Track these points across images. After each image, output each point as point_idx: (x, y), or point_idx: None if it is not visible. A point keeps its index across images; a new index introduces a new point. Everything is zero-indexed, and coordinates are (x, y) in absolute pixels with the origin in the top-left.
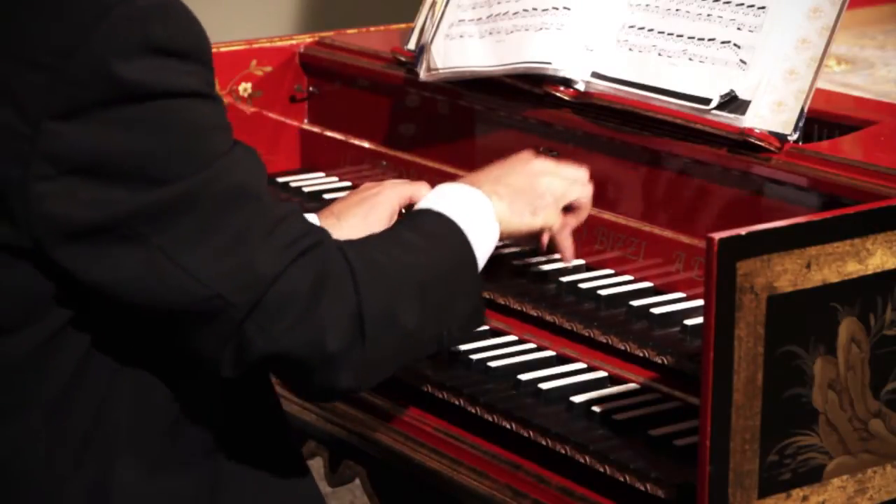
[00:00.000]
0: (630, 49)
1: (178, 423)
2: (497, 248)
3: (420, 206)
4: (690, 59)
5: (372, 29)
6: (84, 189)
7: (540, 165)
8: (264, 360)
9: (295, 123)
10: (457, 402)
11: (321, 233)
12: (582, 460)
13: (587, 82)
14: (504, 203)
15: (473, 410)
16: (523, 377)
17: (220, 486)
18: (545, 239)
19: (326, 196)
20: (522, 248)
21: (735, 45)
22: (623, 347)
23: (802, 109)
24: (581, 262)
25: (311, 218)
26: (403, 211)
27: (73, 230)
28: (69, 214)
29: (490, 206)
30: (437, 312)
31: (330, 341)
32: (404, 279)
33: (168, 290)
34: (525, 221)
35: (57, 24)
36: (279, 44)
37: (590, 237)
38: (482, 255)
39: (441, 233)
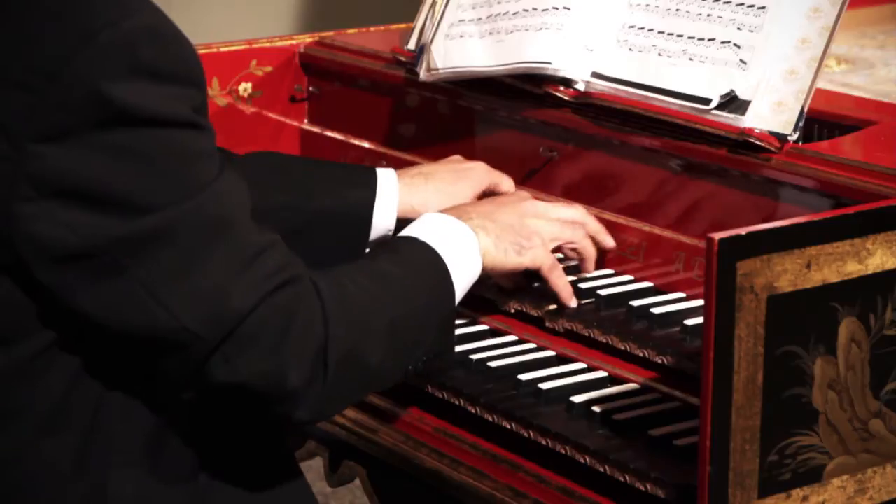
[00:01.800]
0: (630, 49)
1: (168, 435)
2: None
3: (405, 232)
4: (690, 59)
5: (372, 29)
6: (66, 214)
7: (532, 207)
8: (223, 389)
9: (295, 123)
10: (457, 402)
11: (298, 266)
12: (582, 460)
13: (587, 82)
14: (490, 239)
15: (473, 410)
16: (523, 377)
17: (212, 495)
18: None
19: None
20: None
21: (735, 45)
22: (623, 347)
23: (802, 109)
24: None
25: (389, 174)
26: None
27: (55, 254)
28: (51, 238)
29: (475, 241)
30: (406, 348)
31: (292, 377)
32: (375, 317)
33: (142, 320)
34: (510, 259)
35: (43, 46)
36: (279, 44)
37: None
38: (461, 288)
39: (422, 264)
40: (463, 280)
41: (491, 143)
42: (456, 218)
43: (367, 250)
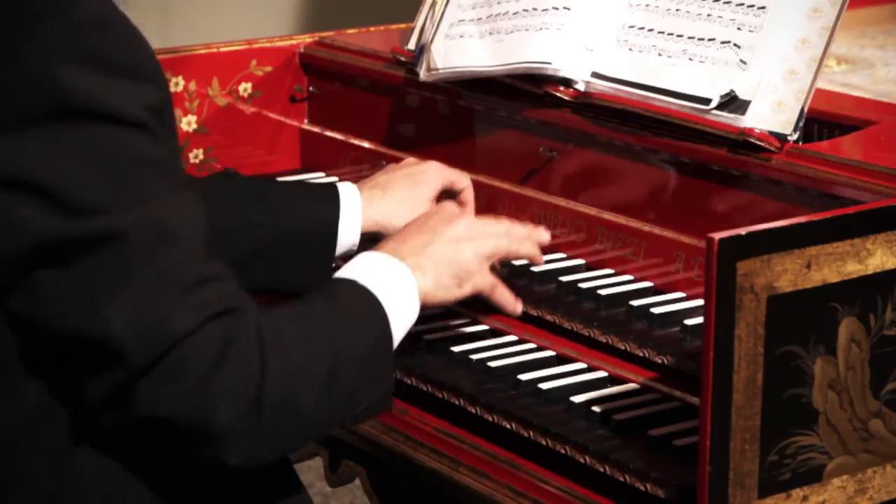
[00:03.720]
0: (630, 49)
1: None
2: None
3: (344, 274)
4: (690, 59)
5: (372, 29)
6: (13, 208)
7: (462, 229)
8: (146, 420)
9: (295, 123)
10: (457, 402)
11: (242, 300)
12: (582, 460)
13: (587, 82)
14: (429, 278)
15: (473, 410)
16: (523, 377)
17: (205, 490)
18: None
19: None
20: None
21: (735, 45)
22: (623, 347)
23: (802, 109)
24: (581, 261)
25: (350, 189)
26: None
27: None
28: None
29: (414, 284)
30: (343, 397)
31: (221, 416)
32: (312, 363)
33: (76, 326)
34: (451, 294)
35: None
36: (279, 44)
37: (590, 237)
38: (399, 334)
39: (362, 311)
40: (400, 324)
41: (491, 143)
42: (392, 256)
43: (332, 265)
